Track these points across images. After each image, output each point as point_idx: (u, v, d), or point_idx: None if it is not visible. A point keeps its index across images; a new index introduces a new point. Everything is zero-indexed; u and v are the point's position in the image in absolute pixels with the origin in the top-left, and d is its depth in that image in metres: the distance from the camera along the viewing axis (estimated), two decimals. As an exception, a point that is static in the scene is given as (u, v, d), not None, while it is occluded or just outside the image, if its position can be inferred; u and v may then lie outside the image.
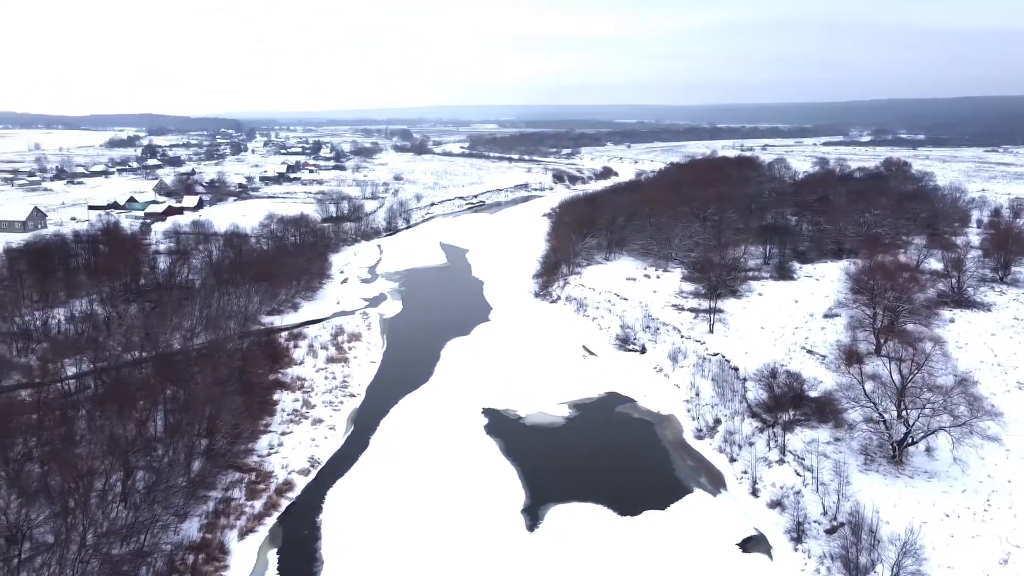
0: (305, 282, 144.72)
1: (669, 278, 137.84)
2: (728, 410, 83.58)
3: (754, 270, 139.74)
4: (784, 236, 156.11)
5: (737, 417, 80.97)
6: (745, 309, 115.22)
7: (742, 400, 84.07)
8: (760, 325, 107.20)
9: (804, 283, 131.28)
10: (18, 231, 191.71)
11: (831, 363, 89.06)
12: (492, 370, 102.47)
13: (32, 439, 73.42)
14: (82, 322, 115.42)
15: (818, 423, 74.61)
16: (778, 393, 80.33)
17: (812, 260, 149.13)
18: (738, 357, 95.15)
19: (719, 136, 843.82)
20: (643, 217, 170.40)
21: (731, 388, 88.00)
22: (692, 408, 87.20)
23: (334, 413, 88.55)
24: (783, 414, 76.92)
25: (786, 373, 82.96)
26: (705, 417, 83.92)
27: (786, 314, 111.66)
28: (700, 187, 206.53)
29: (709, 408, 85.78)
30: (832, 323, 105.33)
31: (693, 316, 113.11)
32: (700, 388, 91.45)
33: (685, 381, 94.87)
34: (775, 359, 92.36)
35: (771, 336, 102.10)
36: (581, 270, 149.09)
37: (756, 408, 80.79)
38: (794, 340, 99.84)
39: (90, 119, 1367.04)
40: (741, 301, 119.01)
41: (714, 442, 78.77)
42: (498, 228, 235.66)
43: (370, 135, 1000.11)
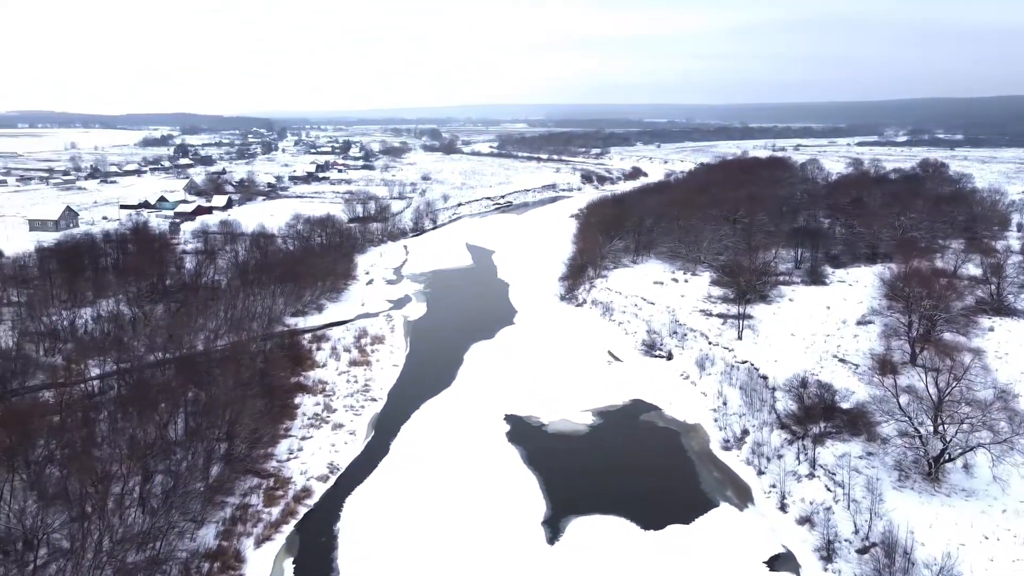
0: (330, 283, 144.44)
1: (697, 282, 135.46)
2: (756, 420, 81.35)
3: (785, 274, 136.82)
4: (816, 239, 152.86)
5: (766, 428, 78.72)
6: (775, 315, 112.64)
7: (771, 410, 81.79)
8: (790, 332, 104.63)
9: (836, 288, 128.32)
10: (51, 230, 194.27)
11: (864, 373, 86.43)
12: (516, 375, 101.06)
13: (53, 441, 73.52)
14: (108, 322, 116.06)
15: (850, 436, 72.18)
16: (808, 404, 78.06)
17: (845, 264, 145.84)
18: (767, 365, 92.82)
19: (751, 136, 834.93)
20: (671, 219, 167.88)
21: (759, 397, 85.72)
22: (719, 417, 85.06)
23: (355, 418, 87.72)
24: (813, 426, 74.60)
25: (817, 384, 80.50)
26: (732, 427, 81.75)
27: (817, 321, 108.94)
28: (730, 188, 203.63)
29: (737, 418, 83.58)
30: (865, 331, 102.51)
31: (721, 322, 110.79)
32: (727, 397, 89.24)
33: (712, 389, 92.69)
34: (806, 368, 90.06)
35: (802, 343, 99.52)
36: (608, 273, 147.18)
37: (785, 419, 78.50)
38: (825, 348, 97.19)
39: (126, 118, 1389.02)
40: (771, 307, 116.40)
41: (741, 454, 76.62)
42: (525, 229, 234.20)
43: (399, 134, 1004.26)
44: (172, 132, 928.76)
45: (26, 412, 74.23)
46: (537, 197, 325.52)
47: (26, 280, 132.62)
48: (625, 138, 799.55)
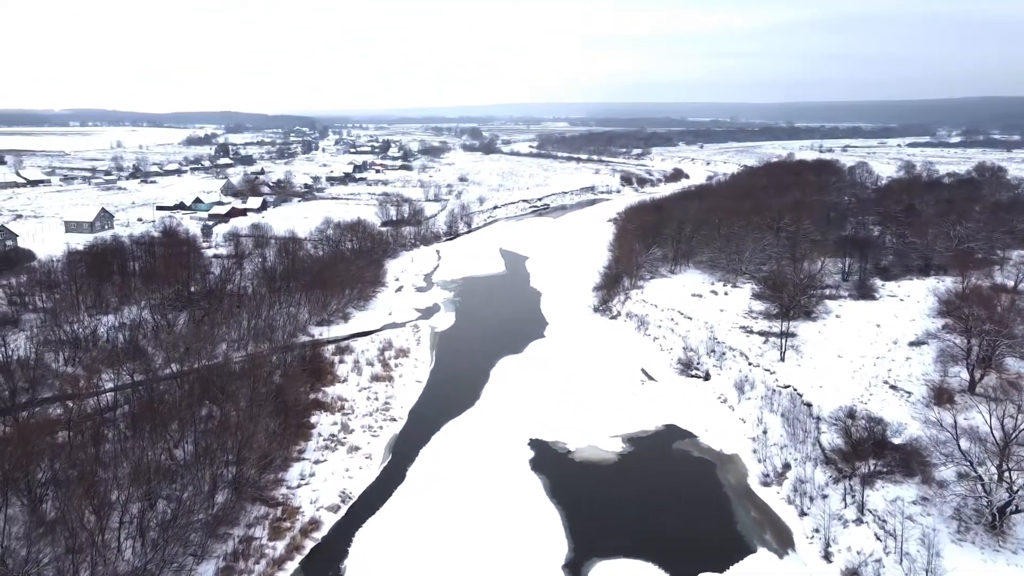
0: (358, 291, 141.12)
1: (738, 295, 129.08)
2: (799, 454, 75.35)
3: (831, 287, 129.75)
4: (865, 250, 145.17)
5: (809, 463, 72.73)
6: (821, 333, 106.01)
7: (815, 443, 75.72)
8: (837, 353, 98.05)
9: (887, 304, 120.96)
10: (85, 231, 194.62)
11: (918, 402, 79.94)
12: (543, 394, 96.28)
13: (57, 461, 70.74)
14: (131, 330, 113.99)
15: (903, 477, 65.94)
16: (856, 438, 71.88)
17: (896, 277, 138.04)
18: (812, 391, 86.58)
19: (796, 136, 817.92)
20: (712, 227, 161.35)
21: (803, 428, 79.63)
22: (759, 448, 79.21)
23: (372, 440, 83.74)
24: (862, 464, 68.46)
25: (867, 417, 74.18)
26: (773, 460, 75.91)
27: (866, 340, 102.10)
28: (775, 194, 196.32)
29: (777, 450, 77.68)
30: (919, 353, 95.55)
31: (763, 340, 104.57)
32: (768, 425, 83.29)
33: (752, 416, 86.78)
34: (853, 395, 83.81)
35: (849, 367, 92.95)
36: (644, 284, 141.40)
37: (831, 454, 72.44)
38: (875, 372, 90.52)
39: (173, 116, 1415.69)
40: (816, 324, 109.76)
41: (782, 491, 70.81)
42: (561, 234, 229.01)
43: (440, 133, 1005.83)
44: (216, 131, 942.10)
45: (29, 431, 71.62)
46: (575, 199, 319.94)
47: (54, 284, 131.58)
48: (667, 138, 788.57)
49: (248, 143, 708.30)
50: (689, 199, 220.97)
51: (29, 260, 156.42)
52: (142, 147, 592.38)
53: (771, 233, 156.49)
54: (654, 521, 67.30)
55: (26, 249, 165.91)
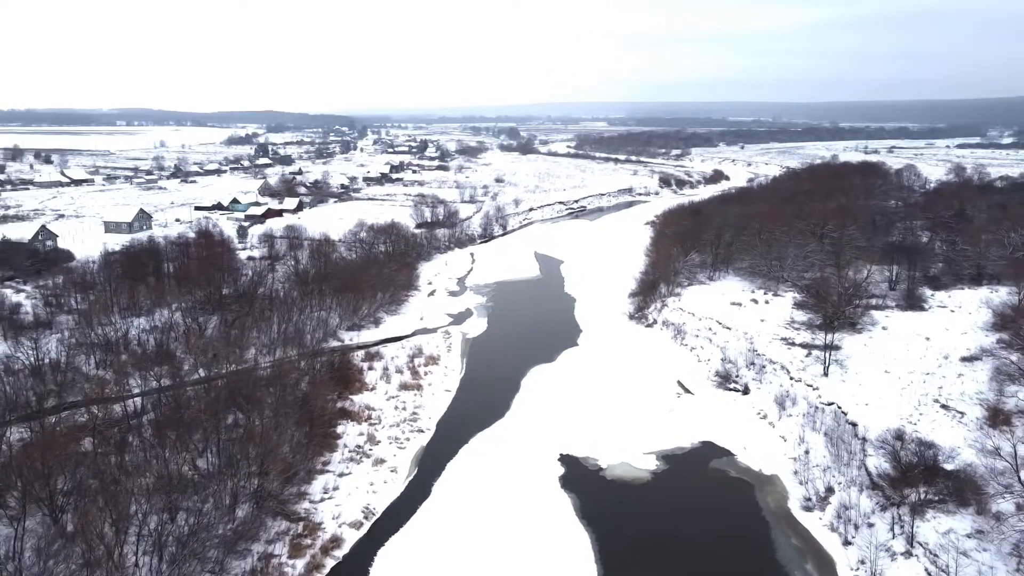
0: (390, 295, 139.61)
1: (779, 304, 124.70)
2: (843, 477, 71.55)
3: (877, 296, 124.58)
4: (913, 257, 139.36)
5: (854, 488, 68.94)
6: (866, 347, 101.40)
7: (860, 466, 71.82)
8: (884, 368, 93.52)
9: (937, 315, 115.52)
10: (124, 232, 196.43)
11: (971, 424, 75.51)
12: (575, 406, 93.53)
13: (81, 469, 69.89)
14: (162, 333, 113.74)
15: (956, 507, 61.86)
16: (905, 463, 67.87)
17: (946, 286, 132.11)
18: (857, 409, 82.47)
19: (841, 136, 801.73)
20: (753, 232, 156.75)
21: (847, 449, 75.68)
22: (800, 470, 75.52)
23: (398, 452, 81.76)
24: (911, 491, 64.50)
25: (916, 441, 70.09)
26: (815, 483, 72.22)
27: (915, 355, 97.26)
28: (818, 198, 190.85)
29: (820, 472, 73.93)
30: (972, 369, 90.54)
31: (805, 353, 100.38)
32: (810, 444, 79.50)
33: (793, 434, 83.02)
34: (901, 414, 79.54)
35: (897, 384, 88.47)
36: (681, 291, 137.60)
37: (878, 479, 68.52)
38: (925, 390, 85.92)
39: (217, 115, 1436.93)
40: (862, 336, 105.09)
41: (825, 517, 67.15)
42: (597, 237, 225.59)
43: (478, 133, 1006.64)
44: (258, 130, 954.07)
45: (53, 440, 70.86)
46: (612, 202, 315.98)
47: (88, 286, 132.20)
48: (707, 138, 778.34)
49: (288, 142, 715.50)
50: (729, 203, 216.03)
51: (68, 260, 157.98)
52: (184, 146, 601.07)
53: (814, 239, 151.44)
54: (688, 546, 64.28)
55: (65, 249, 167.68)
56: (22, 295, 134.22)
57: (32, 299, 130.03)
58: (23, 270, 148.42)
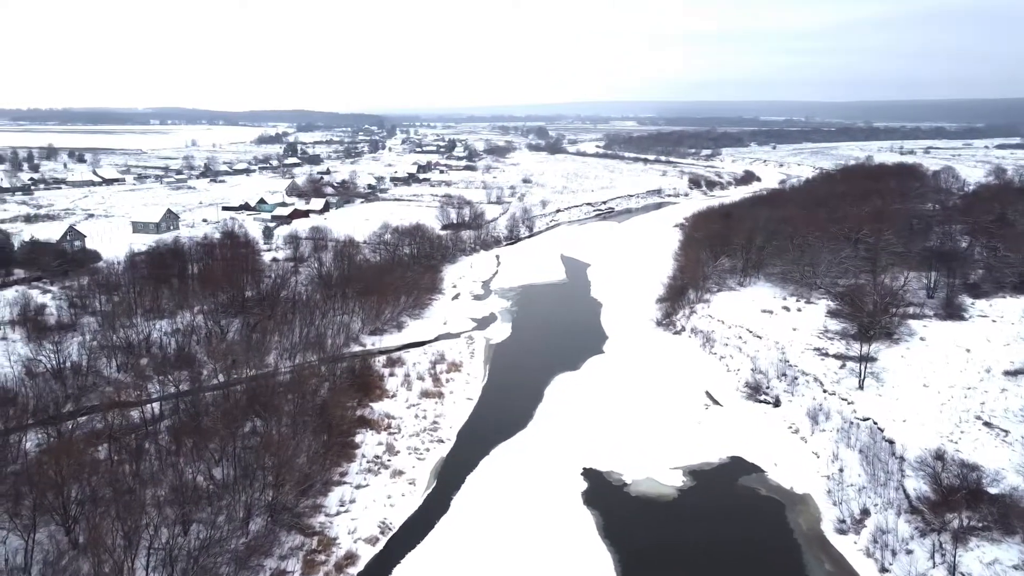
0: (414, 298, 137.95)
1: (812, 312, 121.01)
2: (880, 498, 68.32)
3: (915, 305, 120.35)
4: (952, 263, 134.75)
5: (891, 510, 65.70)
6: (903, 358, 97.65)
7: (898, 487, 68.52)
8: (922, 382, 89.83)
9: (977, 325, 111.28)
10: (151, 232, 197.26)
11: (1016, 443, 71.84)
12: (599, 417, 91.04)
13: (95, 477, 68.86)
14: (184, 336, 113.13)
15: (1002, 535, 58.52)
16: (946, 486, 64.50)
17: (987, 294, 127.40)
18: (894, 426, 79.01)
19: (875, 137, 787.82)
20: (785, 237, 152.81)
21: (884, 468, 72.38)
22: (834, 489, 72.33)
23: (417, 463, 79.83)
24: (953, 516, 61.20)
25: (958, 463, 66.61)
26: (850, 504, 69.02)
27: (955, 368, 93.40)
28: (852, 201, 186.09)
29: (855, 492, 70.71)
30: (1016, 384, 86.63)
31: (839, 365, 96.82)
32: (845, 462, 76.25)
33: (826, 450, 79.75)
34: (941, 431, 76.02)
35: (936, 399, 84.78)
36: (711, 297, 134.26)
37: (917, 502, 65.21)
38: (966, 406, 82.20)
39: (248, 115, 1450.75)
40: (899, 348, 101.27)
41: (860, 541, 64.00)
42: (625, 239, 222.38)
43: (507, 132, 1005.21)
44: (288, 129, 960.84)
45: (68, 448, 69.93)
46: (641, 203, 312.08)
47: (113, 287, 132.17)
48: (738, 138, 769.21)
49: (317, 142, 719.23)
50: (760, 205, 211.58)
51: (95, 261, 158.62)
52: (215, 145, 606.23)
53: (849, 244, 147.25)
54: (716, 569, 61.60)
55: (93, 250, 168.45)
56: (48, 296, 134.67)
57: (58, 300, 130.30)
58: (50, 271, 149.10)
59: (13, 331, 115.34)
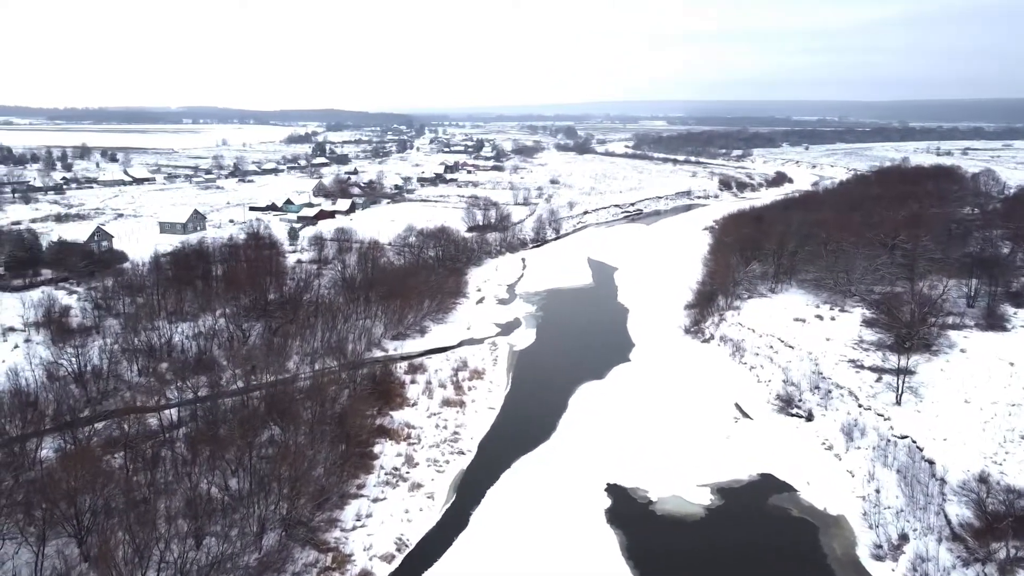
0: (438, 302, 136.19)
1: (846, 321, 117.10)
2: (919, 523, 65.03)
3: (954, 314, 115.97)
4: (993, 270, 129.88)
5: (931, 537, 62.43)
6: (943, 372, 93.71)
7: (939, 512, 65.15)
8: (963, 397, 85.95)
9: (1021, 336, 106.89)
10: (178, 232, 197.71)
11: (1066, 466, 68.02)
12: (625, 429, 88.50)
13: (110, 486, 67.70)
14: (206, 340, 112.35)
15: (1052, 568, 55.07)
16: (991, 512, 61.05)
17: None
18: (934, 445, 75.39)
19: (911, 137, 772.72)
20: (818, 242, 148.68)
21: (924, 490, 68.99)
22: (869, 511, 69.13)
23: (437, 476, 77.88)
24: (999, 546, 57.82)
25: (1004, 488, 63.07)
26: (887, 528, 65.81)
27: (998, 383, 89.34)
28: (888, 205, 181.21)
29: (892, 515, 67.47)
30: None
31: (875, 378, 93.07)
32: (881, 483, 72.97)
33: (862, 469, 76.47)
34: (984, 451, 72.34)
35: (978, 416, 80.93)
36: (741, 304, 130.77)
37: (959, 529, 61.85)
38: (1011, 425, 78.32)
39: (279, 114, 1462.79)
40: (938, 360, 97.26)
41: (898, 568, 60.88)
42: (653, 242, 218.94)
43: (535, 132, 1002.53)
44: (318, 129, 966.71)
45: (83, 456, 68.93)
46: (670, 205, 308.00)
47: (137, 289, 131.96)
48: (770, 138, 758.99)
49: (346, 141, 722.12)
50: (792, 208, 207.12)
51: (121, 262, 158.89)
52: (245, 145, 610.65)
53: (885, 250, 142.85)
54: (745, 598, 58.83)
55: (119, 251, 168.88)
56: (74, 297, 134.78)
57: (83, 301, 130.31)
58: (77, 271, 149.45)
59: (37, 333, 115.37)
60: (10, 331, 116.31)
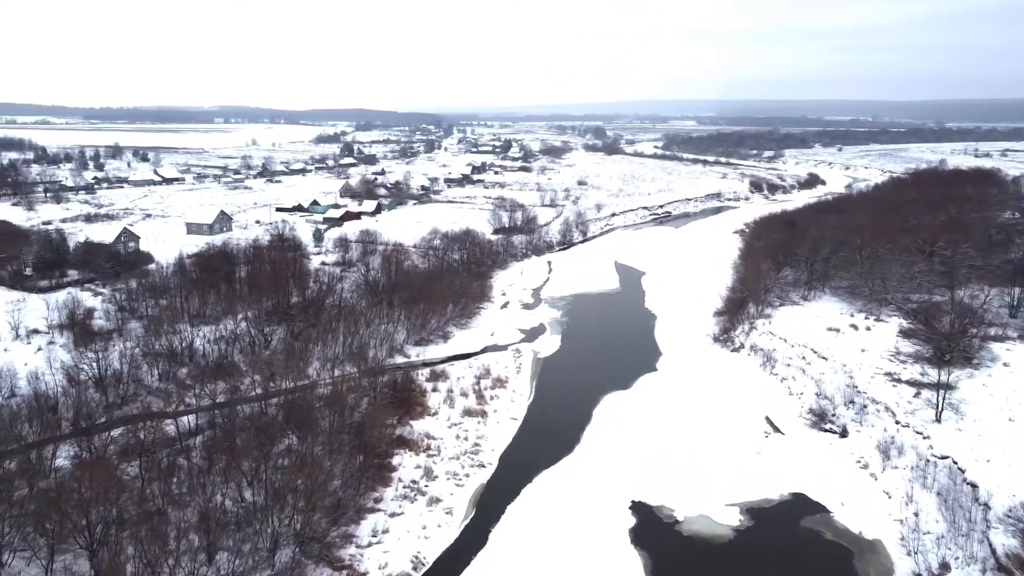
0: (461, 307, 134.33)
1: (882, 331, 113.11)
2: (961, 551, 61.65)
3: (996, 325, 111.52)
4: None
5: (975, 567, 59.12)
6: (985, 387, 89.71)
7: (983, 540, 61.69)
8: (1008, 415, 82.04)
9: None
10: (205, 233, 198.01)
11: (1119, 493, 64.19)
12: (651, 443, 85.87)
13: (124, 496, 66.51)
14: (228, 344, 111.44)
15: (1108, 606, 51.55)
16: (1040, 542, 57.56)
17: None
18: (976, 467, 71.74)
19: (947, 138, 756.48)
20: (853, 248, 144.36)
21: (966, 516, 65.50)
22: (908, 536, 65.82)
23: (456, 490, 75.80)
24: (1049, 580, 54.38)
25: (1056, 518, 59.58)
26: (927, 556, 62.50)
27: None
28: (926, 210, 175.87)
29: (932, 541, 64.12)
30: (1115, 421, 78.39)
31: (913, 393, 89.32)
32: (921, 506, 69.53)
33: (899, 490, 73.05)
34: (1032, 475, 68.58)
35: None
36: (772, 311, 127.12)
37: (1005, 560, 58.42)
38: (1059, 445, 74.48)
39: (309, 113, 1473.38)
40: (980, 375, 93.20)
41: (940, 600, 57.63)
42: (682, 246, 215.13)
43: (563, 132, 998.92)
44: (347, 128, 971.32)
45: (98, 466, 67.89)
46: (699, 207, 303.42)
47: (160, 292, 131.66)
48: (802, 139, 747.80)
49: (375, 141, 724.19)
50: (826, 212, 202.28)
51: (147, 263, 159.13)
52: (274, 145, 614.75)
53: (922, 257, 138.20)
54: (775, 628, 56.00)
55: (145, 252, 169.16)
56: (99, 299, 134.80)
57: (108, 303, 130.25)
58: (103, 273, 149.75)
59: (61, 335, 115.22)
60: (34, 333, 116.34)
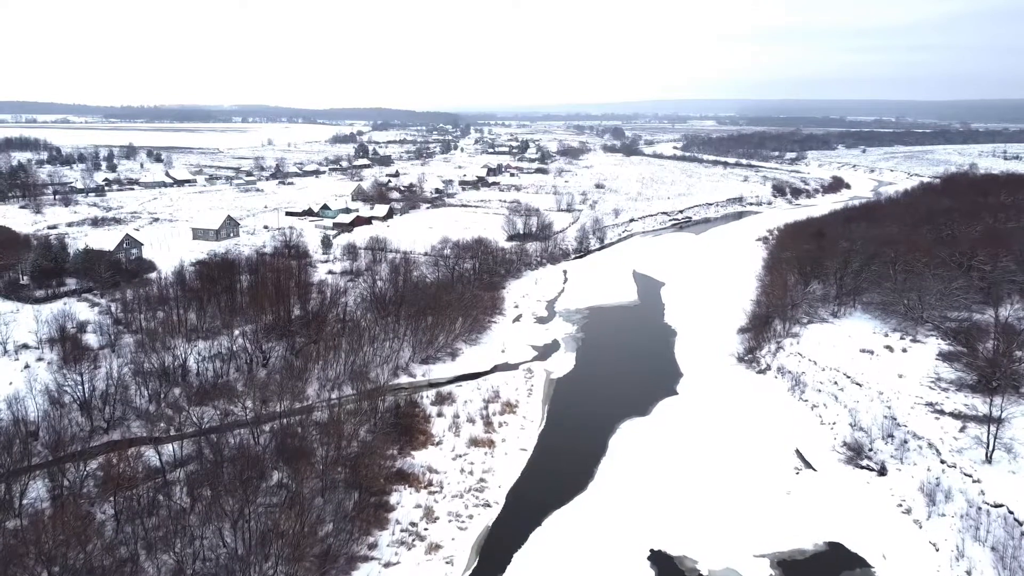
0: (471, 320, 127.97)
1: (920, 353, 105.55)
2: (1025, 622, 54.44)
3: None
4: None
5: (1042, 643, 51.86)
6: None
7: (1050, 610, 54.47)
8: (1066, 455, 74.55)
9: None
10: (211, 239, 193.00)
11: None
12: (671, 479, 79.15)
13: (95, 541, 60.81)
14: (223, 361, 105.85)
15: None
16: (1120, 619, 50.27)
17: None
18: (1037, 518, 64.43)
19: (974, 139, 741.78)
20: (885, 260, 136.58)
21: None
22: (961, 600, 58.68)
23: (458, 534, 69.41)
24: None
25: None
26: (985, 625, 55.34)
27: (1106, 437, 77.61)
28: (960, 218, 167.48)
29: (991, 608, 56.94)
30: None
31: (959, 427, 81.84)
32: (974, 562, 62.33)
33: (948, 542, 65.85)
34: (1099, 529, 61.18)
35: (1087, 481, 69.65)
36: (800, 329, 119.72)
37: (1079, 637, 51.18)
38: None
39: (327, 113, 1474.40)
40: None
41: None
42: (703, 254, 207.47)
43: (582, 132, 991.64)
44: (363, 128, 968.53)
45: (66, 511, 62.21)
46: (720, 212, 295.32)
47: (157, 303, 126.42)
48: (825, 140, 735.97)
49: (391, 141, 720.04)
50: (854, 220, 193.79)
51: (149, 271, 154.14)
52: (290, 145, 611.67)
53: (960, 271, 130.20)
54: None
55: (148, 260, 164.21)
56: (95, 310, 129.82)
57: (103, 315, 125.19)
58: (102, 281, 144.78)
59: (51, 350, 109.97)
60: (23, 348, 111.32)
